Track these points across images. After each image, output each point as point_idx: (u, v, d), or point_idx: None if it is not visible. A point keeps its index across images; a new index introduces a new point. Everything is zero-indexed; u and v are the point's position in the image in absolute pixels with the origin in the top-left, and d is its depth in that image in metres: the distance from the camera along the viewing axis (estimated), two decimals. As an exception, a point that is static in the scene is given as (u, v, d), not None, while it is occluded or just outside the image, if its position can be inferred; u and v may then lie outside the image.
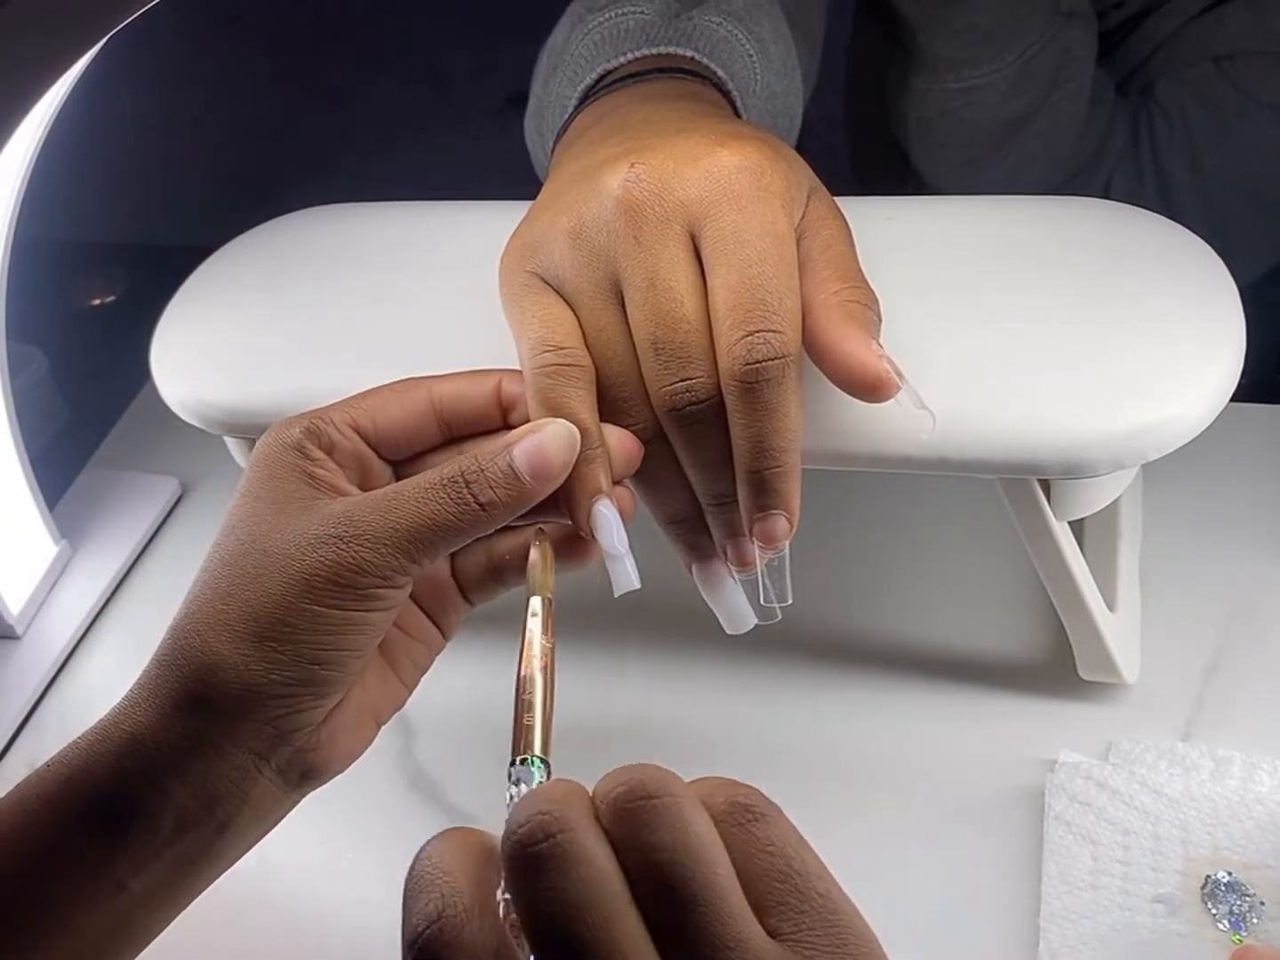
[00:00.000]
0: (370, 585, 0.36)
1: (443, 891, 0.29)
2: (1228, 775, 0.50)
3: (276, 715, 0.37)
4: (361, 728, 0.41)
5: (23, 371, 0.76)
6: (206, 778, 0.37)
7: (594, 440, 0.39)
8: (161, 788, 0.36)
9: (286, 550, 0.37)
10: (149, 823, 0.36)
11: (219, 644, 0.37)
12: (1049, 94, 0.74)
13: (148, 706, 0.37)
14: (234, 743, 0.37)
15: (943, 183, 0.81)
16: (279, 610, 0.36)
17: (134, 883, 0.36)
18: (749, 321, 0.38)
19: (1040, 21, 0.71)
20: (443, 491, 0.37)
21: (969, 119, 0.75)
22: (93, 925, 0.36)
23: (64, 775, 0.37)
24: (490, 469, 0.37)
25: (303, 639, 0.36)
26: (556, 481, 0.38)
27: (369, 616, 0.37)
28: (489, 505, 0.37)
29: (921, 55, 0.74)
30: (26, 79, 0.41)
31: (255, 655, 0.36)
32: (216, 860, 0.38)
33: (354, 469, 0.40)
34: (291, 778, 0.39)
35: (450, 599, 0.43)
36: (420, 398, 0.41)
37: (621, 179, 0.40)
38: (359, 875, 0.53)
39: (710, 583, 0.44)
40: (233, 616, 0.37)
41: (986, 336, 0.45)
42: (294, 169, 1.21)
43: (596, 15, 0.55)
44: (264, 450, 0.40)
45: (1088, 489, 0.47)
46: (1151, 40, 0.77)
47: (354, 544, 0.36)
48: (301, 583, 0.36)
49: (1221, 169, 0.77)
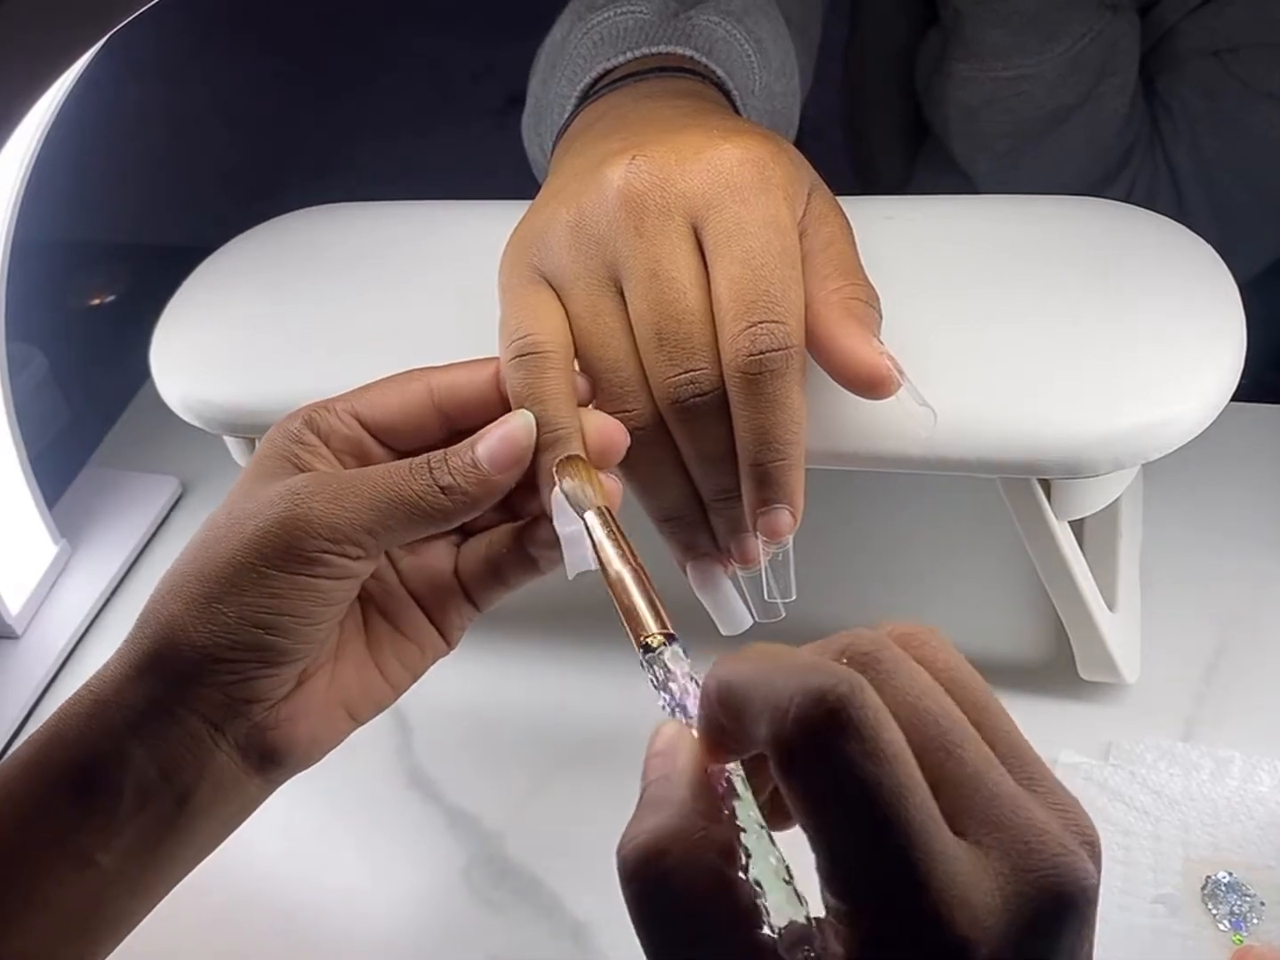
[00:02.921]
0: (318, 549, 0.36)
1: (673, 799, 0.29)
2: (1228, 775, 0.50)
3: (227, 681, 0.37)
4: (329, 717, 0.40)
5: (23, 371, 0.76)
6: (163, 744, 0.37)
7: (554, 425, 0.39)
8: (121, 751, 0.37)
9: (243, 514, 0.37)
10: (110, 788, 0.37)
11: (175, 605, 0.37)
12: (1095, 85, 0.74)
13: (115, 669, 0.38)
14: (188, 709, 0.37)
15: (981, 173, 0.81)
16: (227, 570, 0.37)
17: (101, 856, 0.37)
18: (752, 312, 0.38)
19: (1087, 12, 0.72)
20: (408, 471, 0.38)
21: (1016, 108, 0.75)
22: (65, 902, 0.36)
23: (39, 739, 0.38)
24: (453, 457, 0.38)
25: (248, 601, 0.37)
26: (516, 470, 0.39)
27: (317, 583, 0.37)
28: (449, 489, 0.38)
29: (968, 43, 0.74)
30: (27, 78, 0.41)
31: (203, 616, 0.37)
32: (184, 841, 0.38)
33: (353, 455, 0.41)
34: (251, 756, 0.39)
35: (452, 600, 0.43)
36: (418, 387, 0.41)
37: (623, 171, 0.40)
38: (359, 873, 0.53)
39: (705, 582, 0.43)
40: (190, 579, 0.37)
41: (986, 336, 0.45)
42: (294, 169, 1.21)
43: (595, 15, 0.55)
44: (266, 438, 0.41)
45: (1088, 489, 0.47)
46: (1152, 34, 0.77)
47: (306, 502, 0.37)
48: (250, 543, 0.37)
49: (1224, 160, 0.77)
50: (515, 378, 0.40)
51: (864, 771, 0.25)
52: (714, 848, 0.28)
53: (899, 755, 0.26)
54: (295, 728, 0.39)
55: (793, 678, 0.26)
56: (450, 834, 0.54)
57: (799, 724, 0.26)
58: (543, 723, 0.58)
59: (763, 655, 0.28)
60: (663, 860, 0.28)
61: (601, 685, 0.58)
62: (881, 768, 0.26)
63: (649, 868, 0.28)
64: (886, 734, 0.26)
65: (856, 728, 0.26)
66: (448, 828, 0.54)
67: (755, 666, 0.28)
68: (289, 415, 0.41)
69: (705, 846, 0.28)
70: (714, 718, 0.29)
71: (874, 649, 0.29)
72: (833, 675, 0.26)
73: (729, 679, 0.28)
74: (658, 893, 0.28)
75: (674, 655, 0.34)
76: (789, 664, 0.27)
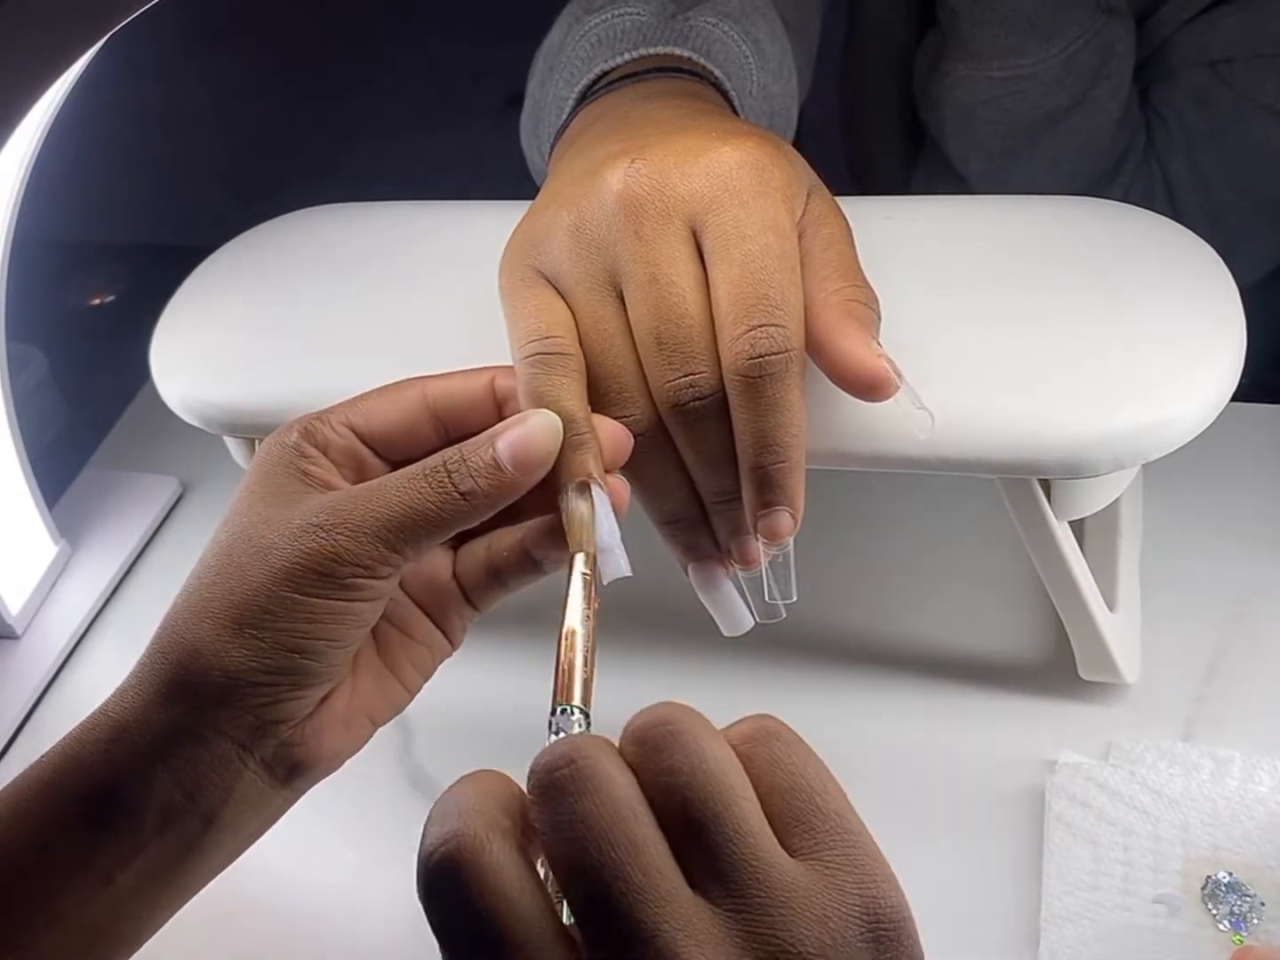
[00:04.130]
0: (350, 574, 0.36)
1: (460, 812, 0.30)
2: (1228, 775, 0.50)
3: (258, 704, 0.37)
4: (353, 726, 0.40)
5: (23, 371, 0.76)
6: (190, 766, 0.37)
7: (580, 428, 0.39)
8: (145, 775, 0.37)
9: (270, 539, 0.37)
10: (133, 811, 0.36)
11: (201, 631, 0.37)
12: (1090, 88, 0.74)
13: (135, 694, 0.38)
14: (216, 731, 0.37)
15: (974, 173, 0.81)
16: (259, 597, 0.36)
17: (122, 876, 0.36)
18: (752, 316, 0.38)
19: (1083, 14, 0.72)
20: (424, 481, 0.37)
21: (1011, 108, 0.76)
22: (82, 920, 0.36)
23: (55, 763, 0.37)
24: (473, 459, 0.37)
25: (282, 627, 0.36)
26: (540, 471, 0.38)
27: (350, 606, 0.37)
28: (470, 494, 0.37)
29: (964, 42, 0.75)
30: (27, 78, 0.41)
31: (236, 642, 0.36)
32: (206, 857, 0.38)
33: (350, 466, 0.40)
34: (279, 772, 0.39)
35: (452, 603, 0.43)
36: (414, 396, 0.41)
37: (622, 174, 0.40)
38: (359, 874, 0.53)
39: (707, 584, 0.43)
40: (216, 604, 0.37)
41: (986, 336, 0.45)
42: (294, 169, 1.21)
43: (593, 17, 0.55)
44: (263, 451, 0.40)
45: (1088, 489, 0.47)
46: (1147, 45, 0.77)
47: (335, 532, 0.36)
48: (282, 571, 0.36)
49: (1219, 170, 0.77)
50: (537, 377, 0.39)
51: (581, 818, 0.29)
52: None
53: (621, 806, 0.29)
54: (321, 741, 0.39)
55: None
56: (450, 834, 0.54)
57: (535, 779, 0.30)
58: (543, 722, 0.58)
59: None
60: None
61: (601, 685, 0.58)
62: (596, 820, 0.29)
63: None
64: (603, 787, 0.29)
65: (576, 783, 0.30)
66: (448, 828, 0.54)
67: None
68: (283, 428, 0.40)
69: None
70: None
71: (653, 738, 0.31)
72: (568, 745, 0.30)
73: None
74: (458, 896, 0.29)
75: (578, 725, 0.36)
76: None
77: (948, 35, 0.76)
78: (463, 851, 0.29)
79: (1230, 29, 0.73)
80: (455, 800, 0.31)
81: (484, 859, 0.29)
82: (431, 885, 0.30)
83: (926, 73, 0.80)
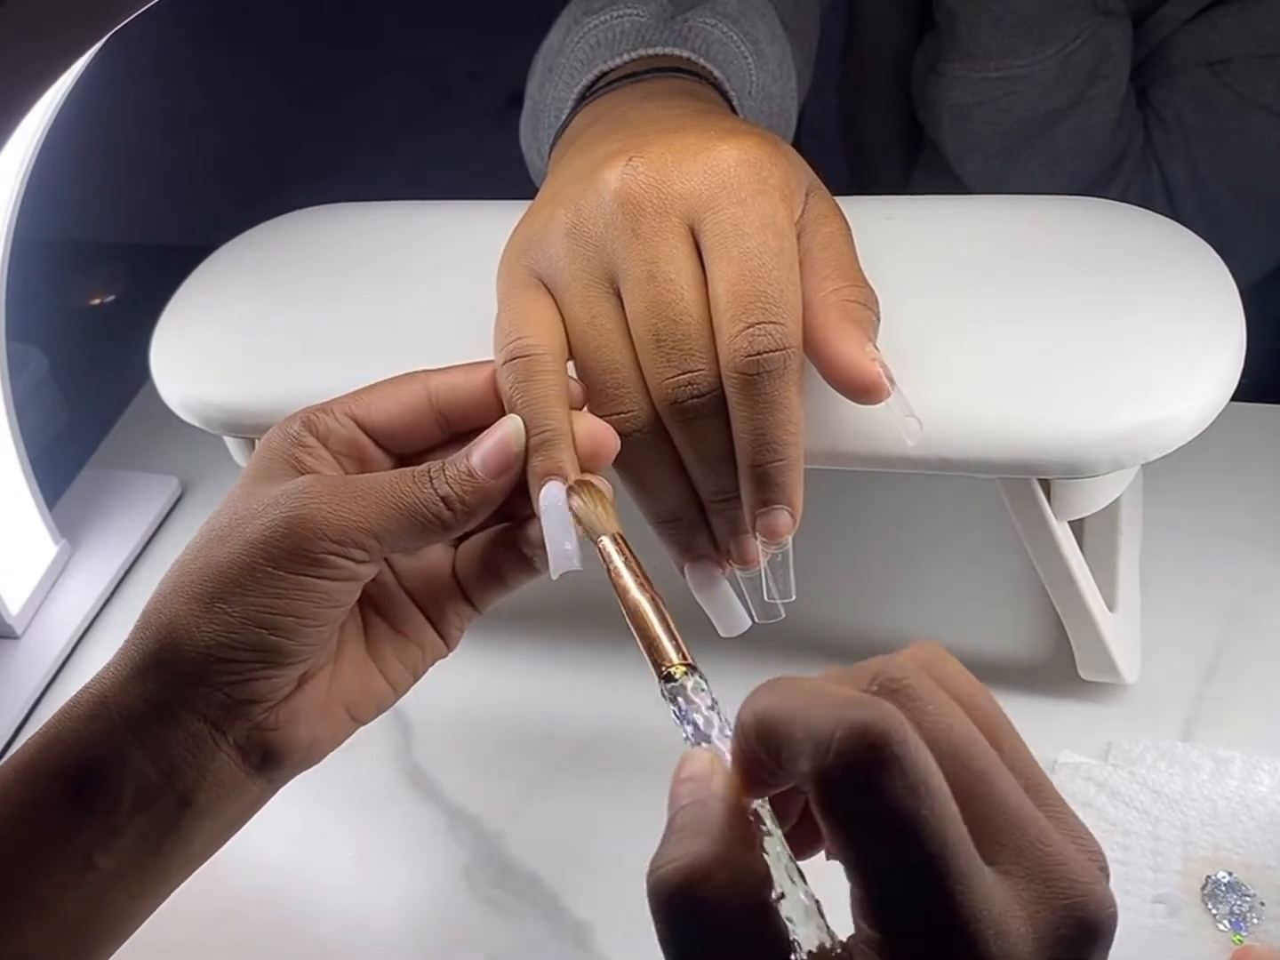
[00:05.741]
0: (324, 550, 0.37)
1: (707, 831, 0.28)
2: (1228, 775, 0.50)
3: (228, 681, 0.37)
4: (331, 718, 0.40)
5: (23, 371, 0.76)
6: (163, 745, 0.37)
7: (542, 427, 0.39)
8: (121, 752, 0.37)
9: (248, 511, 0.38)
10: (110, 788, 0.37)
11: (177, 605, 0.37)
12: (1087, 89, 0.75)
13: (116, 670, 0.38)
14: (189, 709, 0.37)
15: (971, 174, 0.81)
16: (231, 570, 0.37)
17: (101, 859, 0.37)
18: (750, 313, 0.38)
19: (1080, 15, 0.72)
20: (410, 478, 0.38)
21: (1008, 108, 0.76)
22: (64, 906, 0.36)
23: (38, 743, 0.38)
24: (450, 467, 0.38)
25: (252, 601, 0.37)
26: (510, 475, 0.39)
27: (321, 584, 0.37)
28: (447, 499, 0.38)
29: (962, 43, 0.75)
30: (27, 79, 0.41)
31: (206, 616, 0.37)
32: (185, 843, 0.38)
33: (352, 457, 0.41)
34: (252, 758, 0.39)
35: (450, 601, 0.43)
36: (416, 390, 0.41)
37: (620, 172, 0.40)
38: (357, 872, 0.53)
39: (704, 584, 0.43)
40: (192, 579, 0.37)
41: (986, 336, 0.45)
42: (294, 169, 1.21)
43: (592, 18, 0.55)
44: (265, 439, 0.41)
45: (1088, 489, 0.47)
46: (1145, 45, 0.77)
47: (312, 504, 0.37)
48: (256, 544, 0.37)
49: (1217, 171, 0.77)
50: (506, 381, 0.40)
51: (906, 807, 0.26)
52: (754, 877, 0.28)
53: (938, 789, 0.26)
54: (296, 728, 0.39)
55: (832, 713, 0.26)
56: (450, 834, 0.54)
57: (842, 759, 0.26)
58: (542, 722, 0.58)
59: (797, 689, 0.28)
60: (702, 887, 0.27)
61: (601, 685, 0.58)
62: (923, 803, 0.26)
63: (687, 894, 0.28)
64: (926, 768, 0.26)
65: (899, 763, 0.26)
66: (447, 828, 0.54)
67: (792, 701, 0.28)
68: (288, 418, 0.41)
69: (745, 875, 0.28)
70: (751, 751, 0.29)
71: (904, 677, 0.29)
72: (873, 710, 0.26)
73: (766, 714, 0.28)
74: (695, 920, 0.28)
75: (695, 686, 0.34)
76: (827, 699, 0.27)
77: (945, 36, 0.76)
78: (697, 876, 0.28)
79: (1229, 29, 0.74)
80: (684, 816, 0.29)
81: (719, 879, 0.27)
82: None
83: (924, 73, 0.80)
